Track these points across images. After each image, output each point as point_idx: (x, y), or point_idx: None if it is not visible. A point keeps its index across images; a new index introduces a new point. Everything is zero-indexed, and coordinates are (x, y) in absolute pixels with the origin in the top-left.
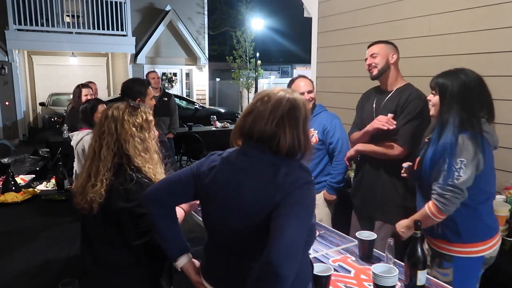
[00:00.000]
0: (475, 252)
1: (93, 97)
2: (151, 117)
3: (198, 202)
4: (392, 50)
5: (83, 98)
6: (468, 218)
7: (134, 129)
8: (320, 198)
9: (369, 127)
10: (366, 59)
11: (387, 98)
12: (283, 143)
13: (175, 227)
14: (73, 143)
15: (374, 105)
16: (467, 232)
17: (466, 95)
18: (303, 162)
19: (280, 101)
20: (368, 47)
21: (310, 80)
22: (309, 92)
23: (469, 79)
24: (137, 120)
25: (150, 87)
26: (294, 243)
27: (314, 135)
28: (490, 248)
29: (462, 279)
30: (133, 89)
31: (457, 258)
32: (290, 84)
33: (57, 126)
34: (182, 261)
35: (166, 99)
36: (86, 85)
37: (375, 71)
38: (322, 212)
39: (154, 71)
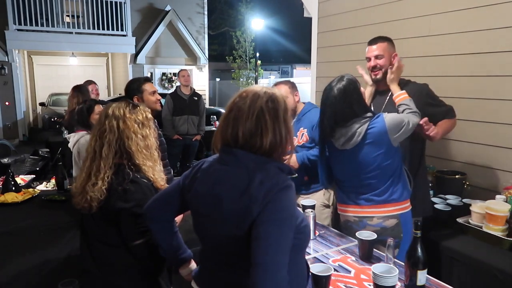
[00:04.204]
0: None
1: (92, 95)
2: (150, 115)
3: None
4: (393, 49)
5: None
6: None
7: (136, 125)
8: (318, 198)
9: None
10: (368, 59)
11: (388, 97)
12: (265, 138)
13: (175, 240)
14: (70, 145)
15: (373, 105)
16: None
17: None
18: (285, 158)
19: (257, 94)
20: (370, 43)
21: (290, 86)
22: None
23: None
24: (138, 117)
25: (149, 83)
26: (276, 269)
27: (304, 134)
28: None
29: None
30: (128, 88)
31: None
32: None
33: (57, 126)
34: (185, 271)
35: (196, 98)
36: (80, 85)
37: (379, 74)
38: (318, 213)
39: (185, 69)
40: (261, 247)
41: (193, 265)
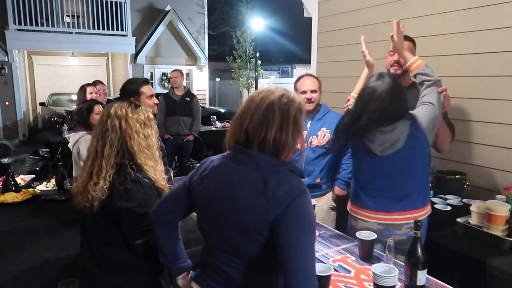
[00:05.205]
0: None
1: (100, 95)
2: (152, 115)
3: None
4: (415, 51)
5: (88, 96)
6: None
7: (138, 125)
8: (326, 201)
9: None
10: (392, 53)
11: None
12: (270, 130)
13: (178, 247)
14: (70, 145)
15: None
16: None
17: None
18: (294, 160)
19: (272, 90)
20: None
21: (317, 80)
22: (313, 91)
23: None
24: (140, 117)
25: (147, 85)
26: (312, 275)
27: (327, 135)
28: None
29: None
30: (125, 89)
31: None
32: (297, 81)
33: (57, 126)
34: (183, 281)
35: (188, 99)
36: (89, 84)
37: (399, 70)
38: (326, 215)
39: (176, 70)
40: (295, 256)
41: (189, 277)
